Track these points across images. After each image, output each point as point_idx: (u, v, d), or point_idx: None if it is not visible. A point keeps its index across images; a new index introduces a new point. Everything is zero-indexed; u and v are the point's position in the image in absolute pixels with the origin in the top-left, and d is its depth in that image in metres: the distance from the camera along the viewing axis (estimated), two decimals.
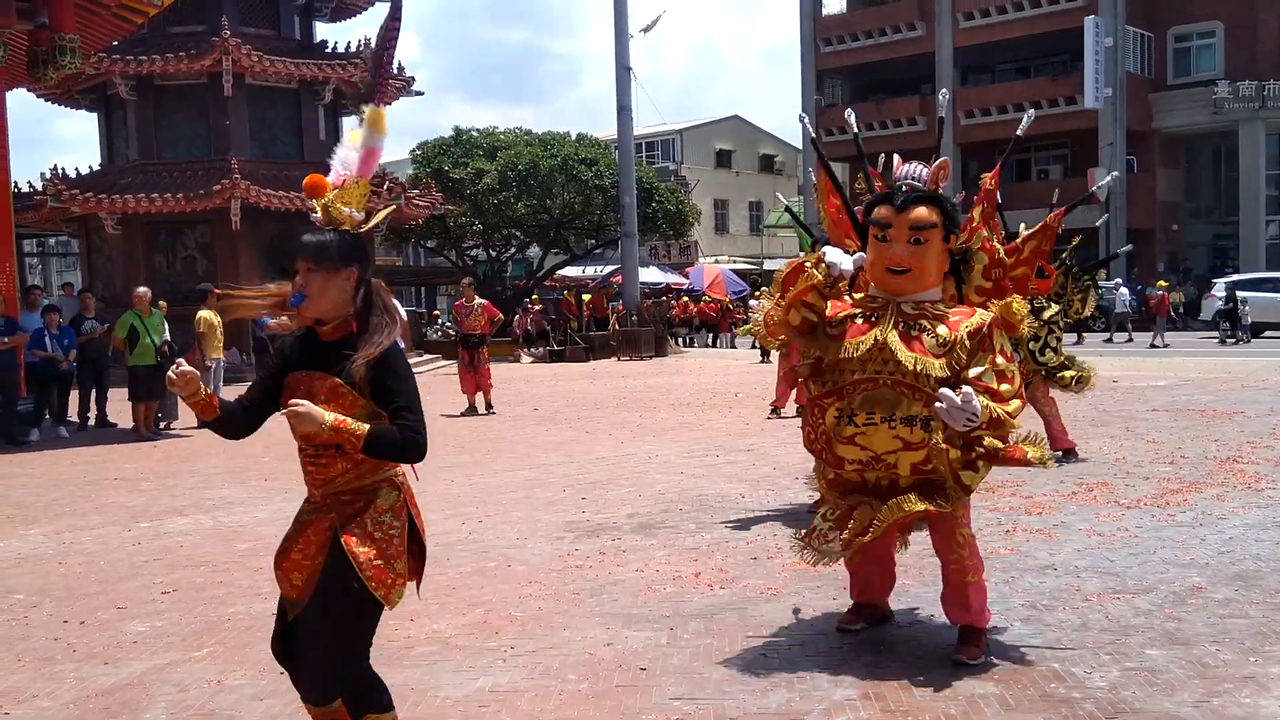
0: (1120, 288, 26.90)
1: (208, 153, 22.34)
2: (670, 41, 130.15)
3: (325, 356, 2.85)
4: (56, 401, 12.82)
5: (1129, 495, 6.90)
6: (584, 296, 32.57)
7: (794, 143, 49.43)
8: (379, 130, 2.94)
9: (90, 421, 13.19)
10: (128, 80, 21.84)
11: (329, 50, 24.17)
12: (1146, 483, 7.31)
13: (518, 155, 30.86)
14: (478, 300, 14.22)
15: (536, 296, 33.29)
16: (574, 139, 33.66)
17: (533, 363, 25.60)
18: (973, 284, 4.21)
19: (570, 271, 38.05)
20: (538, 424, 12.39)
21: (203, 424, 2.97)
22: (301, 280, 2.85)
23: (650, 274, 36.29)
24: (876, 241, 3.97)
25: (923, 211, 3.89)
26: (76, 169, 22.65)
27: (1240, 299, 25.32)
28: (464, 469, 9.03)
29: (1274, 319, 26.09)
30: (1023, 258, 4.49)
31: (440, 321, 35.17)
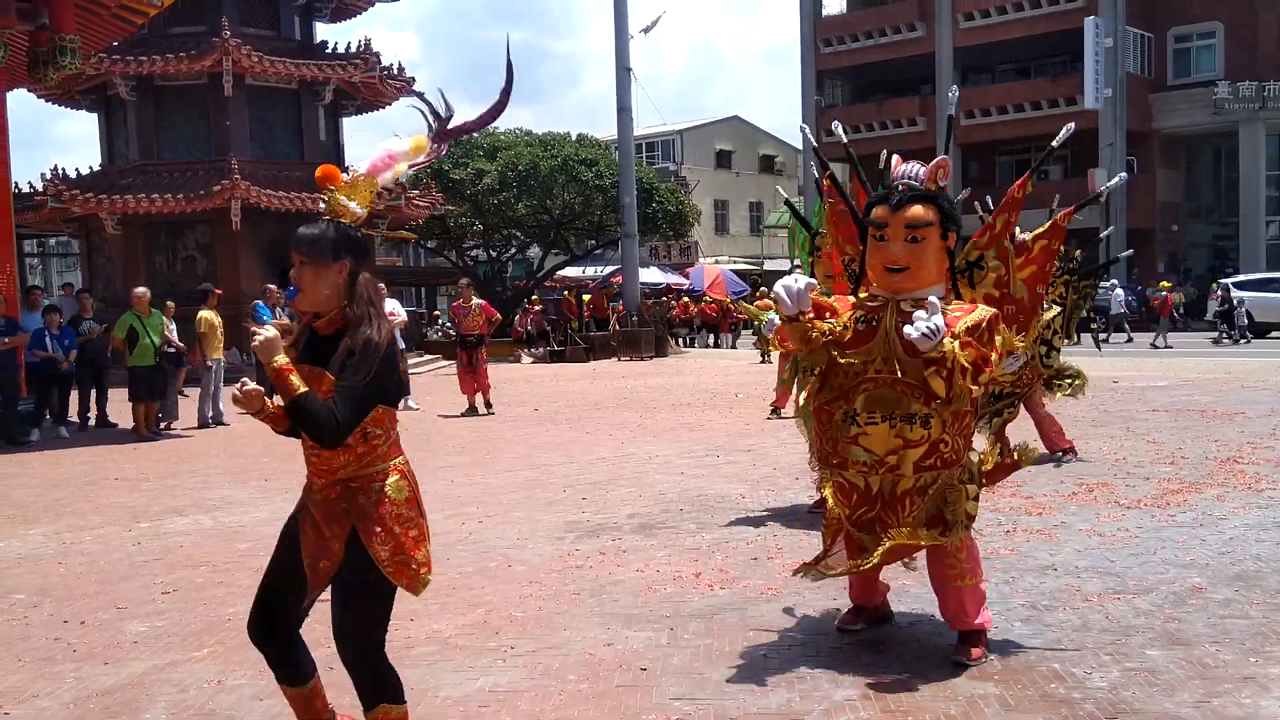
0: (1116, 288, 26.84)
1: (208, 153, 22.35)
2: (670, 42, 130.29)
3: (322, 351, 2.85)
4: (57, 402, 12.83)
5: (1129, 495, 6.89)
6: (584, 297, 32.57)
7: (794, 143, 49.44)
8: (413, 153, 3.01)
9: (90, 422, 13.19)
10: (128, 81, 21.86)
11: (329, 51, 24.17)
12: (1147, 483, 7.31)
13: (518, 156, 30.85)
14: (475, 301, 14.22)
15: (536, 297, 33.29)
16: (574, 139, 33.66)
17: (533, 363, 25.60)
18: (981, 292, 4.22)
19: (570, 272, 38.05)
20: (538, 424, 12.39)
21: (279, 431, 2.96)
22: (295, 272, 2.87)
23: (650, 274, 36.29)
24: (875, 241, 4.00)
25: (918, 210, 3.91)
26: (77, 169, 22.72)
27: (1236, 300, 25.30)
28: (464, 469, 9.03)
29: (1278, 319, 26.07)
30: (1032, 256, 4.50)
31: (440, 322, 35.16)
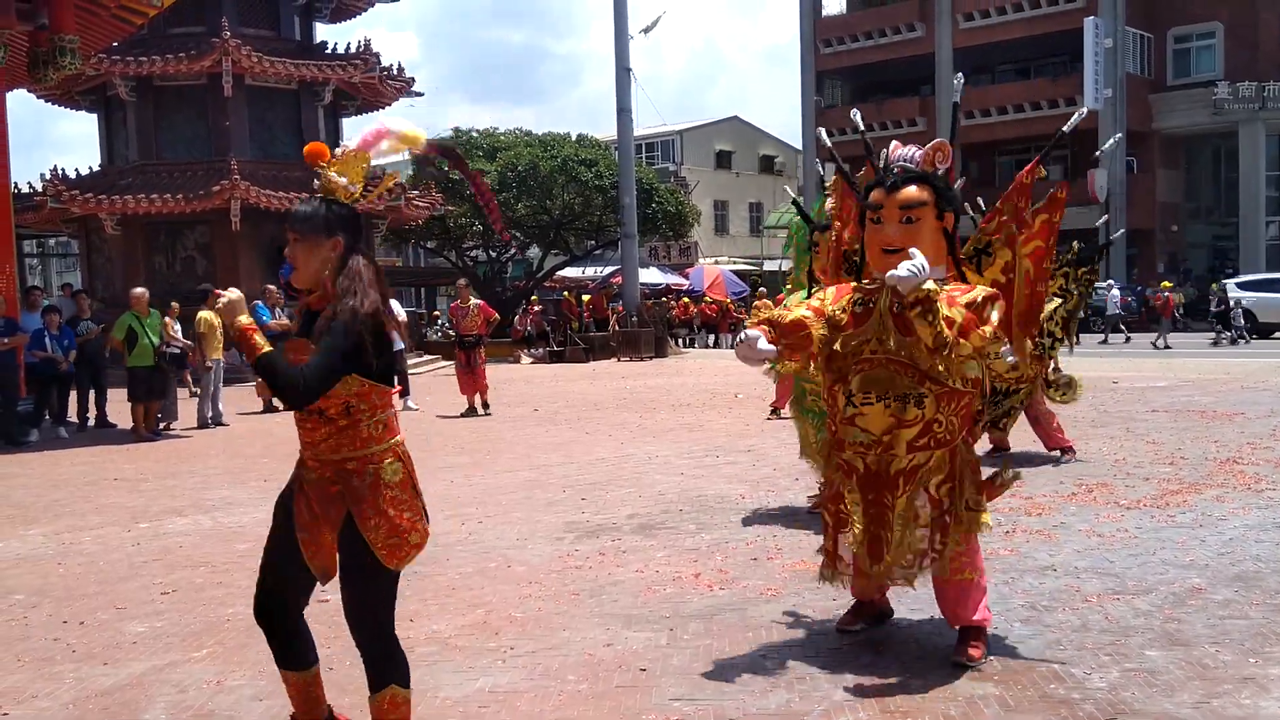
0: (1113, 288, 26.80)
1: (207, 153, 22.35)
2: (670, 42, 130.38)
3: (313, 325, 2.87)
4: (56, 402, 12.83)
5: (1129, 496, 6.89)
6: (584, 297, 32.56)
7: (794, 144, 49.44)
8: (406, 140, 3.00)
9: (90, 422, 13.19)
10: (128, 81, 21.86)
11: (329, 51, 24.18)
12: (1146, 484, 7.30)
13: (517, 156, 30.85)
14: (473, 301, 14.21)
15: (536, 297, 33.28)
16: (574, 140, 33.66)
17: (532, 363, 25.59)
18: (989, 277, 4.21)
19: (570, 272, 38.05)
20: (538, 425, 12.39)
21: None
22: (289, 250, 2.89)
23: (650, 275, 36.29)
24: (871, 224, 4.04)
25: (912, 191, 3.96)
26: (76, 170, 22.71)
27: (1232, 300, 25.30)
28: (464, 470, 9.03)
29: None
30: (1033, 232, 4.47)
31: (440, 322, 35.17)
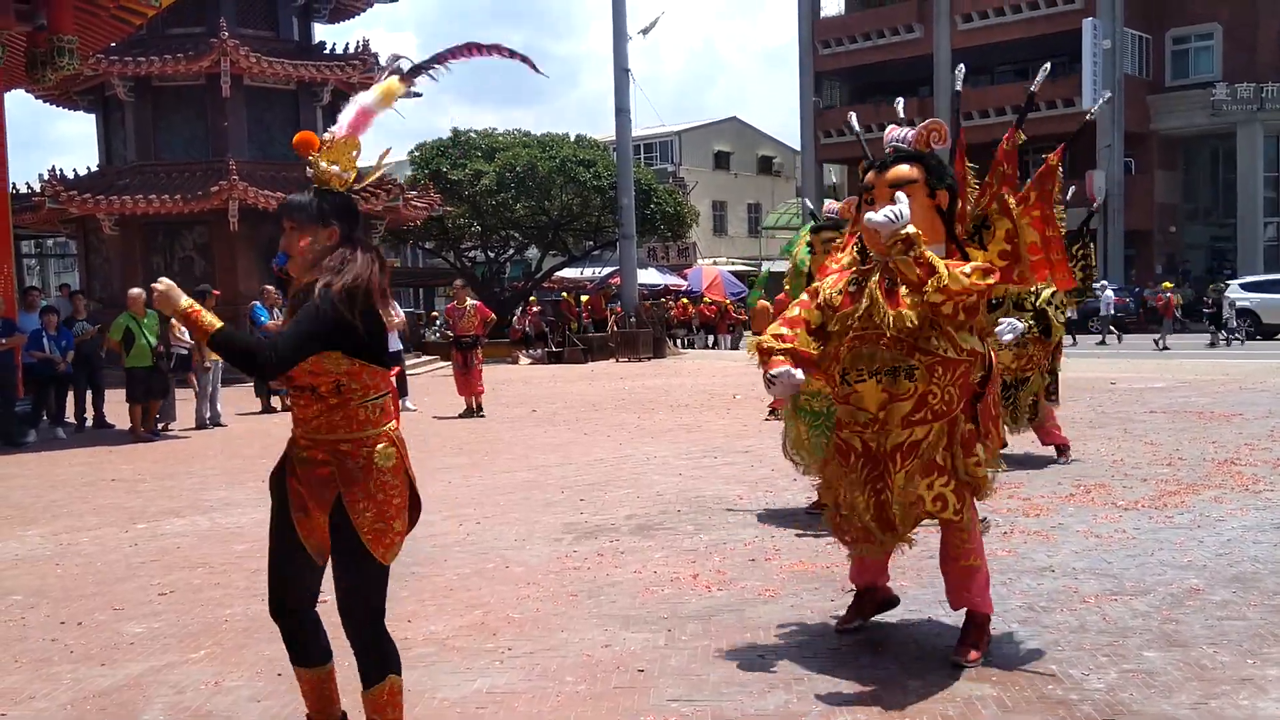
0: (1106, 289, 26.80)
1: (206, 154, 22.34)
2: (669, 43, 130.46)
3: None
4: (54, 402, 12.82)
5: (1127, 497, 6.90)
6: (582, 298, 32.54)
7: (793, 144, 49.48)
8: (385, 100, 2.94)
9: (88, 423, 13.18)
10: (126, 81, 21.84)
11: (327, 52, 24.16)
12: (1144, 484, 7.31)
13: (516, 157, 30.82)
14: (470, 302, 14.19)
15: (534, 298, 33.27)
16: (573, 140, 33.63)
17: (531, 364, 25.59)
18: (995, 250, 4.21)
19: (568, 273, 38.03)
20: (536, 425, 12.39)
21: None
22: (285, 239, 2.87)
23: (649, 275, 36.26)
24: (866, 206, 4.07)
25: (901, 168, 4.01)
26: (75, 170, 22.70)
27: (1227, 301, 25.32)
28: (462, 470, 9.02)
29: None
30: (1031, 204, 4.45)
31: (438, 323, 35.18)
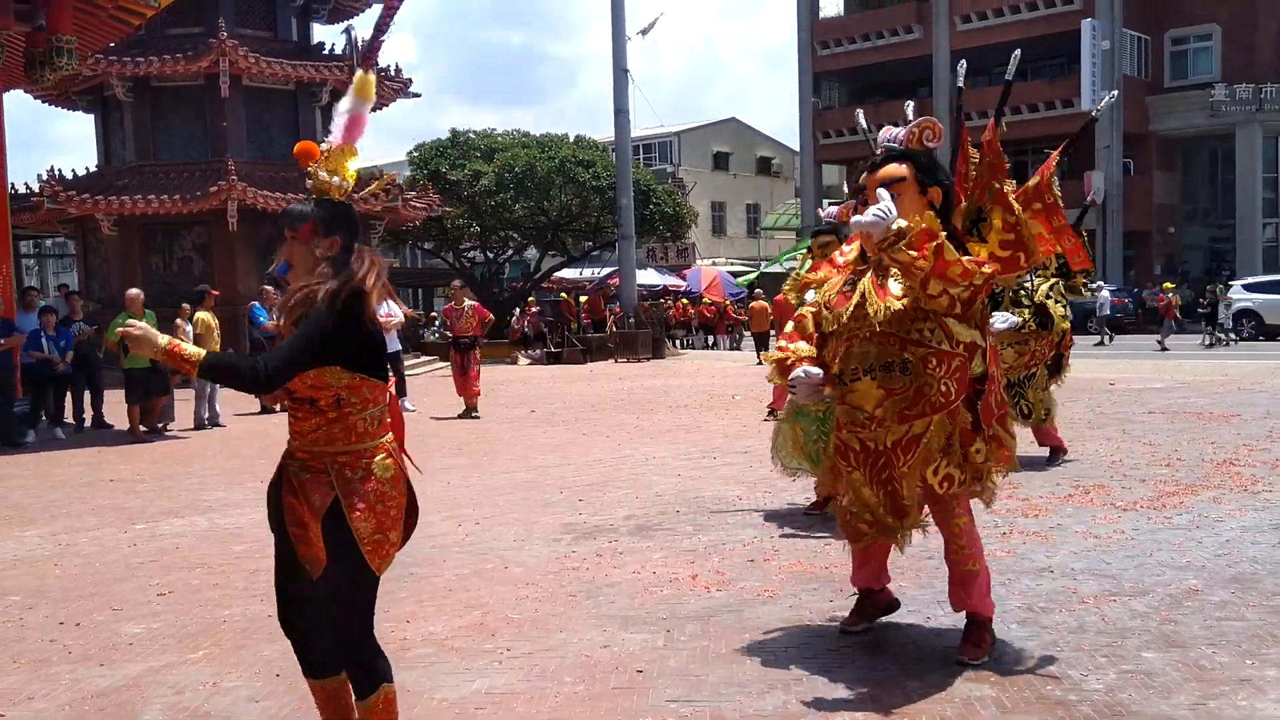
0: (1102, 289, 26.79)
1: (204, 154, 22.34)
2: (668, 44, 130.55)
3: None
4: (53, 403, 12.81)
5: (1125, 498, 6.90)
6: (581, 299, 32.54)
7: (791, 145, 49.50)
8: (364, 96, 2.92)
9: (86, 423, 13.17)
10: (125, 82, 21.84)
11: (326, 52, 24.17)
12: (1143, 485, 7.31)
13: (515, 157, 30.81)
14: (468, 303, 14.18)
15: (534, 299, 33.27)
16: (572, 141, 33.63)
17: (530, 365, 25.58)
18: (996, 240, 4.16)
19: (567, 273, 38.03)
20: (535, 426, 12.38)
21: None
22: (285, 249, 2.86)
23: (648, 276, 36.28)
24: (861, 207, 4.09)
25: (891, 168, 4.04)
26: (73, 170, 22.70)
27: (1224, 303, 25.32)
28: (461, 471, 9.02)
29: None
30: (1029, 199, 4.43)
31: (437, 324, 35.17)
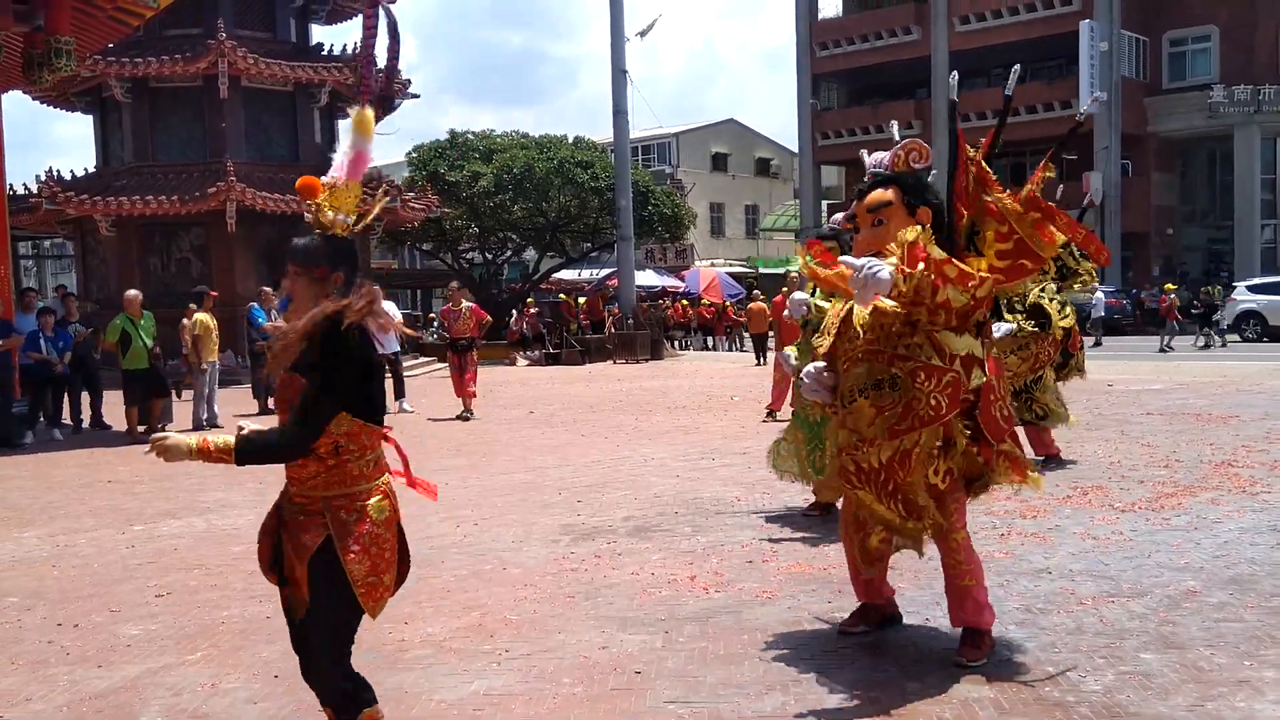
0: (1097, 290, 26.80)
1: (203, 155, 22.30)
2: (667, 44, 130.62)
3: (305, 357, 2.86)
4: (51, 404, 12.81)
5: (1124, 499, 6.90)
6: (580, 300, 32.54)
7: (790, 146, 49.51)
8: (364, 133, 2.93)
9: (85, 424, 13.16)
10: (123, 82, 21.80)
11: (325, 53, 24.14)
12: (1141, 486, 7.31)
13: (514, 158, 30.82)
14: (466, 304, 14.17)
15: (532, 300, 33.28)
16: (570, 142, 33.66)
17: (528, 366, 25.58)
18: (993, 251, 4.11)
19: (566, 274, 38.04)
20: (533, 427, 12.38)
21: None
22: (289, 283, 2.89)
23: (646, 277, 36.31)
24: (854, 235, 4.11)
25: (877, 193, 4.04)
26: (72, 171, 22.65)
27: (1228, 305, 25.33)
28: (459, 472, 9.02)
29: None
30: (1024, 205, 4.41)
31: (435, 325, 35.14)
